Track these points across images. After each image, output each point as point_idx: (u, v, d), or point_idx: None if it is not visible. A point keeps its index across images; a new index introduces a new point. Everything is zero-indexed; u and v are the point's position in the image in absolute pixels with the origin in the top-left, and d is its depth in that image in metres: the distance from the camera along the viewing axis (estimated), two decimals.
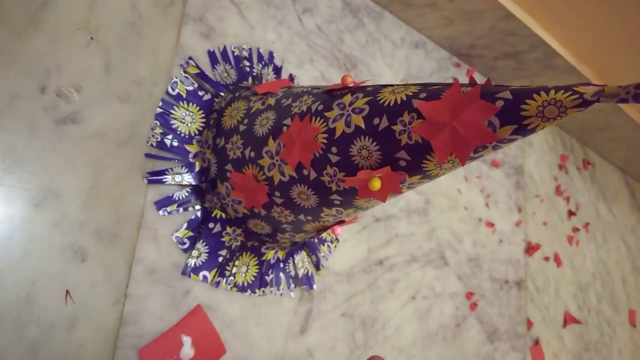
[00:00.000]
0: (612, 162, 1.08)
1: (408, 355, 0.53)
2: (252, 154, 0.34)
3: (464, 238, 0.65)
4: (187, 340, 0.36)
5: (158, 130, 0.37)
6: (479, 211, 0.68)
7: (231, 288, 0.39)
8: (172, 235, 0.37)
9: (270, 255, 0.42)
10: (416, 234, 0.58)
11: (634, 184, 1.18)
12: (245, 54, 0.44)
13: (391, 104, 0.26)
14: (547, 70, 0.68)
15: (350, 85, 0.31)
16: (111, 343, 0.33)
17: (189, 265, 0.37)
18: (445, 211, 0.63)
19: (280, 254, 0.43)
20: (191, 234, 0.38)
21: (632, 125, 0.81)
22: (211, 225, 0.38)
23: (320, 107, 0.30)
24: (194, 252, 0.37)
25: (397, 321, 0.53)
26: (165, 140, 0.37)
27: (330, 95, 0.31)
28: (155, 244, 0.36)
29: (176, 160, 0.38)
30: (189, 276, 0.37)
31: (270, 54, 0.47)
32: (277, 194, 0.33)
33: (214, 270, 0.38)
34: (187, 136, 0.39)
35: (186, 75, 0.40)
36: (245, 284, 0.40)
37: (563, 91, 0.21)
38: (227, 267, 0.39)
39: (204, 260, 0.38)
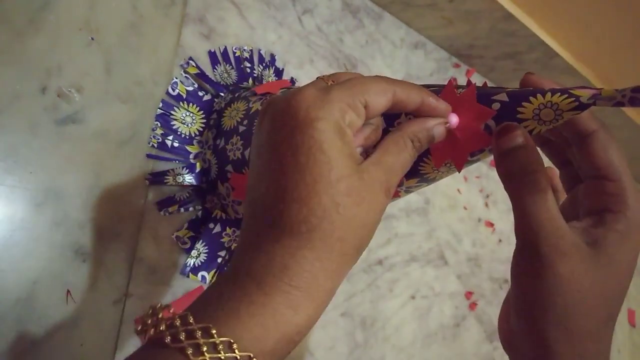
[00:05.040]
0: None
1: (408, 354, 0.53)
2: None
3: (464, 238, 0.65)
4: None
5: (159, 131, 0.37)
6: (478, 211, 0.69)
7: None
8: (173, 235, 0.37)
9: None
10: (416, 234, 0.58)
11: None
12: (246, 54, 0.44)
13: None
14: (547, 70, 0.68)
15: None
16: (112, 342, 0.33)
17: (188, 265, 0.37)
18: (444, 211, 0.63)
19: None
20: (192, 234, 0.38)
21: (632, 126, 0.81)
22: (211, 225, 0.38)
23: None
24: (194, 253, 0.37)
25: (397, 321, 0.53)
26: (166, 141, 0.37)
27: None
28: (155, 244, 0.36)
29: (177, 161, 0.38)
30: (188, 276, 0.37)
31: (272, 56, 0.47)
32: None
33: (213, 271, 0.38)
34: (187, 137, 0.39)
35: (186, 75, 0.40)
36: None
37: (559, 94, 0.21)
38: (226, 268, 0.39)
39: (203, 261, 0.38)
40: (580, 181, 0.24)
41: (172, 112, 0.38)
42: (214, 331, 0.17)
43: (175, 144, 0.38)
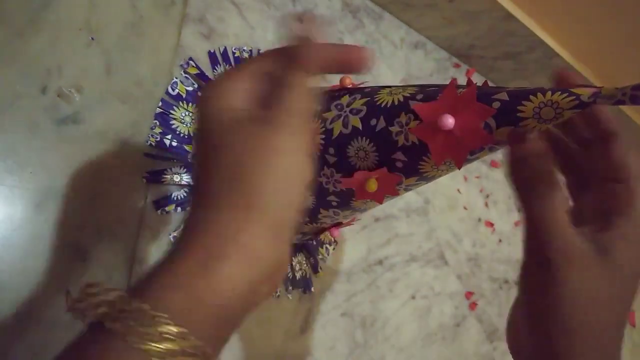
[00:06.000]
0: None
1: (408, 354, 0.53)
2: None
3: (464, 238, 0.65)
4: None
5: (157, 130, 0.37)
6: (478, 211, 0.69)
7: None
8: (170, 235, 0.37)
9: None
10: (416, 234, 0.58)
11: None
12: (246, 55, 0.45)
13: (388, 105, 0.27)
14: (547, 70, 0.68)
15: (349, 86, 0.31)
16: None
17: None
18: (444, 211, 0.63)
19: None
20: None
21: (632, 127, 0.81)
22: None
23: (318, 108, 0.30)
24: None
25: (397, 321, 0.53)
26: (165, 140, 0.37)
27: (328, 96, 0.31)
28: (155, 243, 0.36)
29: (175, 160, 0.38)
30: None
31: None
32: None
33: None
34: (186, 136, 0.39)
35: (186, 75, 0.40)
36: None
37: (560, 92, 0.21)
38: None
39: None
40: (586, 189, 0.24)
41: (172, 111, 0.38)
42: (146, 307, 0.17)
43: (174, 143, 0.38)
